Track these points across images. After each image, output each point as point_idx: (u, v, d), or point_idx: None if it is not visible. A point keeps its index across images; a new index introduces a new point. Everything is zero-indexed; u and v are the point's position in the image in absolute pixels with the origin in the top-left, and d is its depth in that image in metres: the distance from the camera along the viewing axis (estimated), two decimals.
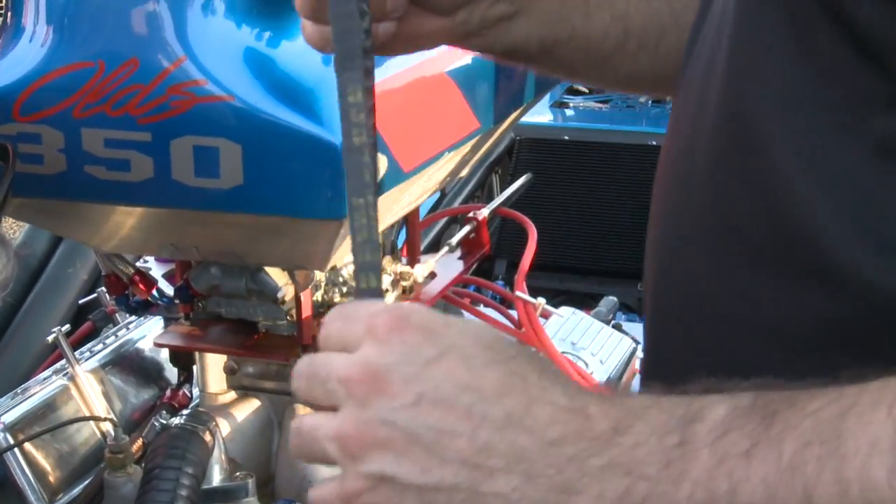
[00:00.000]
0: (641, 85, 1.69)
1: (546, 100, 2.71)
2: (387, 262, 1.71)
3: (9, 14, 1.33)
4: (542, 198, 2.28)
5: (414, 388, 0.76)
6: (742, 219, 0.96)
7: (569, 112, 2.80)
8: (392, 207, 1.44)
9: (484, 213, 1.88)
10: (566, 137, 2.66)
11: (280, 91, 1.29)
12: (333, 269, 1.60)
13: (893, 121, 0.87)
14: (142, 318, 1.76)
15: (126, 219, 1.37)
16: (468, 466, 0.77)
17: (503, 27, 1.09)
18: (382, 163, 1.29)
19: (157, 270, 1.59)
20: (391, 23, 0.96)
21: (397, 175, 1.34)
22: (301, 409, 1.59)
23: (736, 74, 0.98)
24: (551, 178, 2.44)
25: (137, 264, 1.58)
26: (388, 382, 0.76)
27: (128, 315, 1.77)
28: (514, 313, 1.85)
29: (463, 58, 1.56)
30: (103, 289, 1.73)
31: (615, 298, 2.44)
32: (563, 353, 1.91)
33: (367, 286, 0.83)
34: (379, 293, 0.84)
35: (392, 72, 1.40)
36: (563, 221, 2.50)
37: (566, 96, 2.81)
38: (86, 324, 1.86)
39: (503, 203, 1.96)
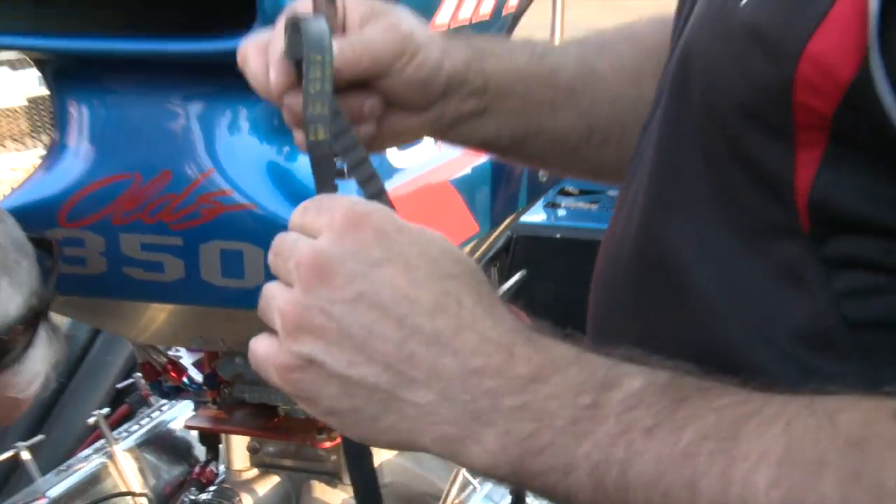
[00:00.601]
0: (608, 175, 1.69)
1: (541, 200, 2.74)
2: None
3: (56, 132, 1.34)
4: (538, 288, 2.29)
5: (355, 286, 0.76)
6: (662, 331, 0.97)
7: (560, 212, 2.81)
8: None
9: None
10: (558, 235, 2.68)
11: (297, 200, 1.26)
12: None
13: (792, 247, 0.87)
14: (173, 402, 1.75)
15: (159, 314, 1.37)
16: (391, 371, 0.76)
17: (475, 122, 1.09)
18: None
19: (187, 359, 1.60)
20: (370, 124, 0.96)
21: None
22: (317, 486, 1.59)
23: (655, 201, 0.98)
24: (545, 272, 2.45)
25: (170, 353, 1.58)
26: (332, 275, 0.76)
27: (161, 399, 1.76)
28: None
29: (464, 168, 1.57)
30: (139, 374, 1.73)
31: None
32: None
33: (314, 138, 0.83)
34: (326, 146, 0.84)
35: (400, 181, 1.41)
36: (557, 308, 2.51)
37: (558, 197, 2.82)
38: (123, 406, 1.87)
39: (502, 295, 1.97)
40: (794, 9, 0.81)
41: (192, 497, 1.57)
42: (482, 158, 1.66)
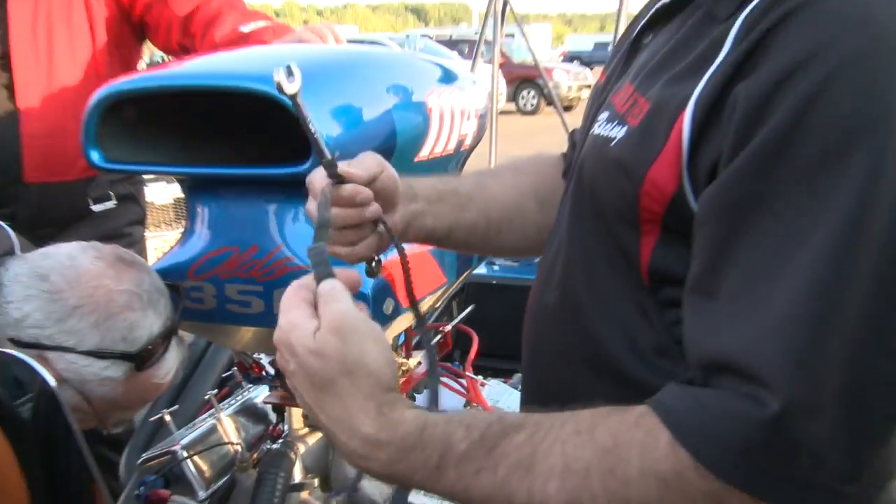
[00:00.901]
0: (507, 253, 1.69)
1: (484, 261, 2.73)
2: (394, 355, 1.64)
3: (187, 221, 1.33)
4: (482, 316, 2.24)
5: (291, 382, 0.79)
6: (573, 347, 0.94)
7: (495, 267, 2.79)
8: (397, 326, 1.40)
9: (448, 328, 1.86)
10: (494, 282, 2.66)
11: (336, 262, 1.25)
12: None
13: (640, 293, 0.86)
14: (257, 386, 1.71)
15: (247, 333, 1.34)
16: (329, 427, 0.78)
17: (421, 219, 1.06)
18: (390, 303, 1.28)
19: (265, 359, 1.57)
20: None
21: (399, 308, 1.29)
22: None
23: (570, 261, 0.96)
24: (486, 305, 2.41)
25: (255, 356, 1.56)
26: (288, 374, 0.79)
27: (249, 384, 1.71)
28: (465, 382, 1.82)
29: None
30: (235, 368, 1.69)
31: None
32: (492, 405, 1.89)
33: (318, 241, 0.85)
34: (320, 251, 0.83)
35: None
36: (494, 329, 2.47)
37: (495, 259, 2.81)
38: (225, 388, 1.82)
39: (459, 321, 1.95)
40: (641, 150, 0.82)
41: (268, 446, 1.53)
42: None
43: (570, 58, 19.93)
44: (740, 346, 0.68)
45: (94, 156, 1.20)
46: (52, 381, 1.04)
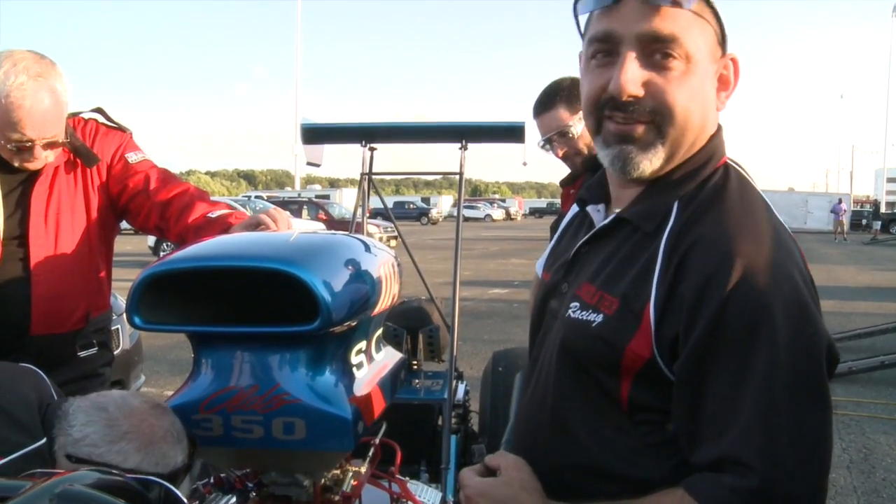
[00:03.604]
0: None
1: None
2: (346, 464, 1.78)
3: (194, 367, 1.49)
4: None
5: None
6: (566, 452, 1.23)
7: None
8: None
9: (376, 440, 1.97)
10: None
11: (322, 397, 1.43)
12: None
13: (620, 417, 1.17)
14: (226, 497, 1.84)
15: (244, 453, 1.50)
16: None
17: None
18: (361, 425, 1.45)
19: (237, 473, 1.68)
20: None
21: (366, 429, 1.47)
22: None
23: (558, 398, 1.23)
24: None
25: (234, 472, 1.68)
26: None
27: (221, 495, 1.84)
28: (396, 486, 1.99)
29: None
30: (200, 483, 1.77)
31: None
32: None
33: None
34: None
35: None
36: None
37: None
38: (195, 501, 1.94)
39: (381, 435, 2.03)
40: (620, 330, 1.11)
41: None
42: None
43: (374, 214, 22.31)
44: (731, 450, 1.02)
45: (137, 320, 1.41)
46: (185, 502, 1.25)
